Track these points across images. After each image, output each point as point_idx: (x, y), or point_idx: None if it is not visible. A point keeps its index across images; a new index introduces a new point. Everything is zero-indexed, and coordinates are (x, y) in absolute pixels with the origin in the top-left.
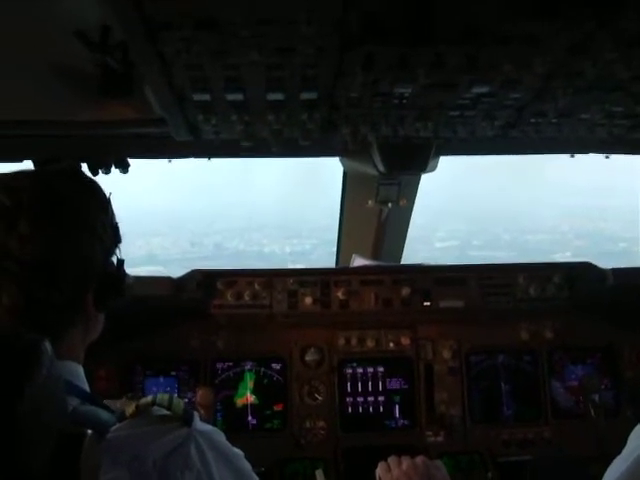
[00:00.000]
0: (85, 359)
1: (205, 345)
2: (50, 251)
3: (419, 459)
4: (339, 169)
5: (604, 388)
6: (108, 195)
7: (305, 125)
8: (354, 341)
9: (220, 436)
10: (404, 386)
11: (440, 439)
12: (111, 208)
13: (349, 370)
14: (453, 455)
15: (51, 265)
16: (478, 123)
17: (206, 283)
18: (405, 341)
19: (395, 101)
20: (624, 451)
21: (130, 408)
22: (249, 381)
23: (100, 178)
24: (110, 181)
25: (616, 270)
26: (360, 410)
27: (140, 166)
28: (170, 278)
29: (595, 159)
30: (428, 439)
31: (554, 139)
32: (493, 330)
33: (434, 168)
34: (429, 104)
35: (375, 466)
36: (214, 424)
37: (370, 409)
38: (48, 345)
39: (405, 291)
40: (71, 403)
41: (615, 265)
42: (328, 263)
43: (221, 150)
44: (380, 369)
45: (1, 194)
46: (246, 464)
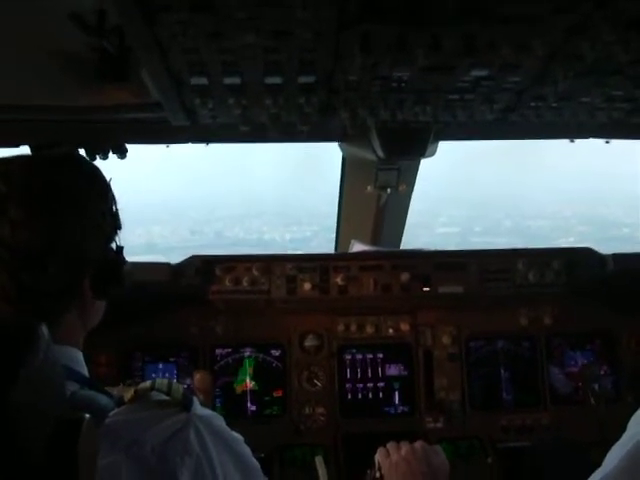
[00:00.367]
0: (84, 345)
1: (204, 331)
2: (42, 238)
3: (418, 444)
4: (339, 155)
5: (604, 374)
6: (108, 181)
7: (303, 109)
8: (353, 327)
9: (219, 420)
10: (403, 372)
11: (439, 425)
12: (111, 195)
13: (348, 356)
14: (452, 441)
15: (43, 252)
16: (477, 107)
17: (204, 269)
18: (404, 327)
19: (394, 84)
20: (624, 436)
21: (129, 393)
22: (248, 367)
23: (99, 164)
24: (110, 168)
25: (616, 255)
26: (359, 396)
27: (139, 154)
28: (168, 264)
29: (595, 144)
30: (427, 425)
31: (554, 124)
32: (492, 316)
33: (433, 153)
34: (428, 87)
35: (374, 452)
36: (213, 409)
37: (369, 395)
38: (45, 329)
39: (404, 276)
40: (69, 388)
41: (621, 251)
42: (329, 250)
43: (219, 135)
44: (379, 355)
45: None
46: (246, 448)
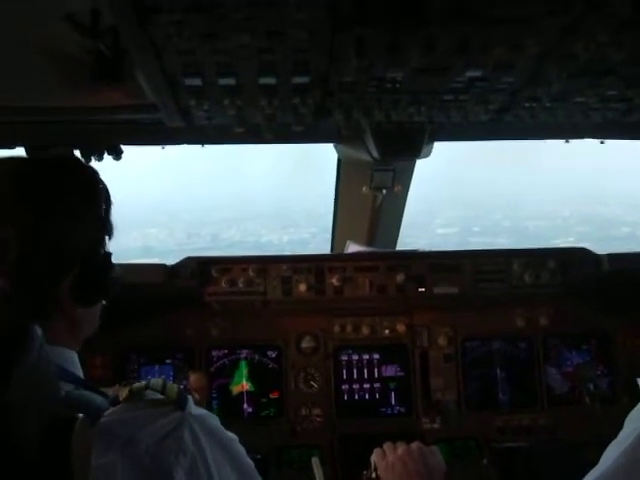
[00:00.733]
0: (80, 347)
1: (200, 333)
2: (24, 238)
3: (414, 445)
4: (335, 156)
5: (599, 374)
6: (100, 187)
7: (297, 110)
8: (349, 328)
9: (214, 420)
10: (400, 373)
11: (436, 425)
12: (101, 200)
13: (344, 357)
14: (448, 441)
15: (24, 252)
16: (471, 107)
17: (200, 270)
18: (400, 328)
19: (388, 85)
20: (620, 435)
21: (124, 392)
22: (244, 369)
23: (95, 165)
24: (106, 170)
25: (612, 255)
26: (356, 397)
27: (135, 157)
28: (164, 265)
29: (590, 144)
30: (424, 425)
31: (548, 124)
32: (488, 317)
33: (428, 154)
34: (422, 88)
35: (371, 453)
36: (209, 410)
37: (366, 396)
38: (38, 329)
39: (399, 277)
40: (64, 388)
41: (621, 249)
42: (326, 252)
43: (214, 136)
44: (376, 356)
45: None
46: (240, 448)
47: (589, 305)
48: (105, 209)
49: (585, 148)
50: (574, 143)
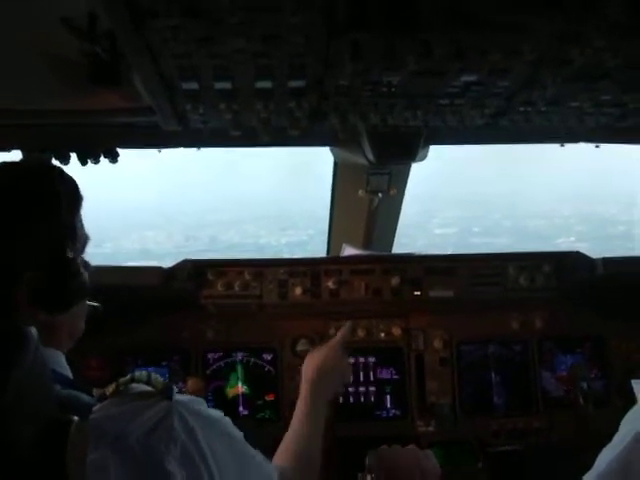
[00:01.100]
0: (76, 349)
1: (196, 335)
2: None
3: (409, 448)
4: (331, 159)
5: (593, 377)
6: (63, 190)
7: (293, 113)
8: None
9: (200, 404)
10: (395, 376)
11: (431, 429)
12: (66, 204)
13: None
14: (444, 445)
15: None
16: (467, 112)
17: (196, 273)
18: (396, 331)
19: (384, 89)
20: (614, 438)
21: (110, 388)
22: (240, 371)
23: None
24: (103, 173)
25: (606, 259)
26: (351, 400)
27: (132, 160)
28: (160, 268)
29: (586, 147)
30: (419, 429)
31: (544, 129)
32: (484, 320)
33: (424, 158)
34: (418, 92)
35: (366, 455)
36: None
37: (361, 399)
38: (34, 330)
39: (395, 280)
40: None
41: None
42: (323, 254)
43: (210, 140)
44: (371, 359)
45: None
46: (227, 422)
47: (584, 309)
48: (69, 213)
49: (581, 150)
50: (570, 145)
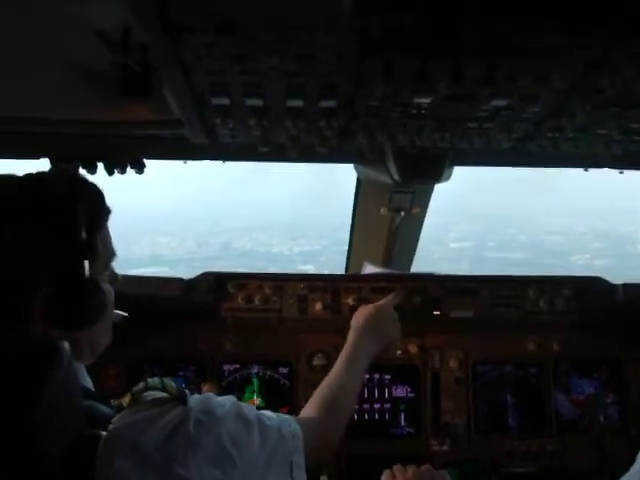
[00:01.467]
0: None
1: (213, 347)
2: None
3: (424, 468)
4: (349, 169)
5: (610, 402)
6: (82, 208)
7: (322, 132)
8: None
9: (211, 399)
10: (410, 394)
11: (445, 448)
12: (84, 222)
13: None
14: (457, 464)
15: None
16: (495, 135)
17: (217, 285)
18: (413, 349)
19: (414, 111)
20: (632, 468)
21: (126, 398)
22: (255, 384)
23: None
24: (121, 179)
25: (626, 285)
26: (366, 417)
27: (152, 166)
28: (181, 279)
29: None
30: (433, 448)
31: (569, 153)
32: (500, 341)
33: (448, 178)
34: (447, 115)
35: (379, 474)
36: None
37: (376, 416)
38: (67, 345)
39: (415, 299)
40: None
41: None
42: (338, 264)
43: (237, 153)
44: (387, 376)
45: None
46: (241, 409)
47: (602, 333)
48: (89, 230)
49: (601, 171)
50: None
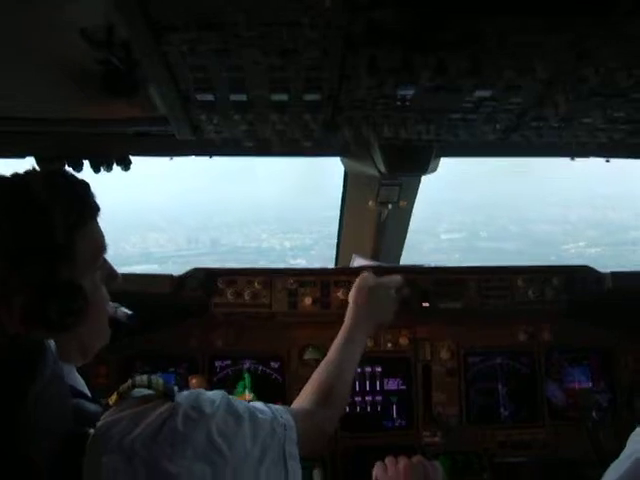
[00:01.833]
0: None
1: (204, 343)
2: None
3: (416, 459)
4: (338, 161)
5: (600, 391)
6: (60, 210)
7: (307, 126)
8: None
9: (200, 394)
10: (402, 386)
11: (437, 439)
12: (61, 224)
13: None
14: (450, 455)
15: None
16: (479, 126)
17: (207, 281)
18: (403, 341)
19: (398, 104)
20: (621, 455)
21: (113, 396)
22: (247, 380)
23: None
24: (110, 176)
25: (615, 273)
26: (358, 410)
27: (140, 163)
28: (171, 276)
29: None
30: (425, 439)
31: (555, 143)
32: (491, 331)
33: (434, 169)
34: (432, 107)
35: (372, 466)
36: None
37: (368, 409)
38: (52, 343)
39: (404, 292)
40: None
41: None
42: (330, 258)
43: (223, 149)
44: (378, 369)
45: None
46: (231, 403)
47: (592, 322)
48: (68, 231)
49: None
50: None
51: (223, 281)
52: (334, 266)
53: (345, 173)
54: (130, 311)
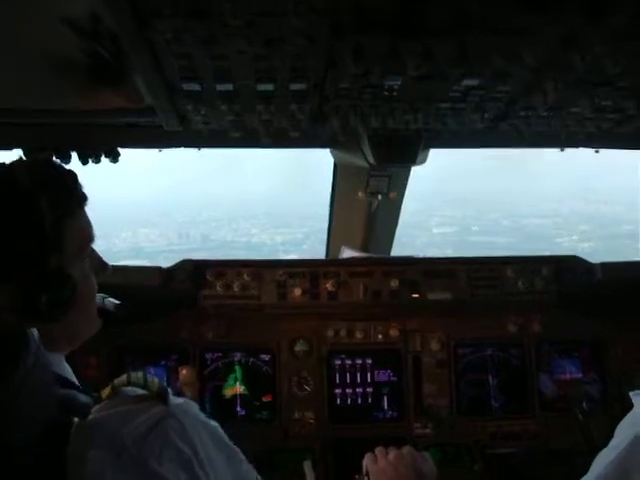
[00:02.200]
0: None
1: (194, 335)
2: None
3: (405, 450)
4: (328, 154)
5: (591, 381)
6: (46, 200)
7: (294, 116)
8: (343, 332)
9: (195, 407)
10: (392, 378)
11: (428, 431)
12: (48, 214)
13: (338, 361)
14: (440, 447)
15: None
16: (468, 115)
17: (195, 273)
18: (394, 333)
19: (385, 93)
20: (612, 442)
21: (106, 389)
22: (238, 372)
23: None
24: (101, 171)
25: (604, 264)
26: (348, 401)
27: (130, 156)
28: (160, 268)
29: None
30: (416, 430)
31: (544, 133)
32: (481, 323)
33: (424, 161)
34: (419, 96)
35: (363, 457)
36: (202, 409)
37: (358, 400)
38: (35, 331)
39: (394, 283)
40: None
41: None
42: (321, 252)
43: (211, 140)
44: (368, 361)
45: None
46: (223, 433)
47: (582, 313)
48: (56, 221)
49: (581, 150)
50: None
51: (212, 273)
52: (325, 257)
53: (335, 165)
54: (118, 301)
